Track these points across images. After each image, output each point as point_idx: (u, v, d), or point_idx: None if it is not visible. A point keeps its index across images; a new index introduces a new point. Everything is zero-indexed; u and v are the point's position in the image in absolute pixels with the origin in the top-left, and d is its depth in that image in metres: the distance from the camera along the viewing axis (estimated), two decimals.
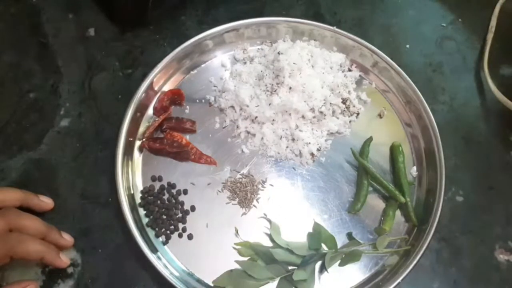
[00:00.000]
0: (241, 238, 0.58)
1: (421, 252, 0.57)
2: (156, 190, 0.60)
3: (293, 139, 0.64)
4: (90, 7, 0.71)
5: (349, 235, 0.59)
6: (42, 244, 0.51)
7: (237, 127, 0.64)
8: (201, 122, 0.64)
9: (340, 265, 0.57)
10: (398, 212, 0.61)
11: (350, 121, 0.66)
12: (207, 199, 0.60)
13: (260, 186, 0.61)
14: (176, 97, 0.65)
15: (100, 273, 0.56)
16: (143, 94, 0.63)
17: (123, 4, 0.69)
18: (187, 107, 0.65)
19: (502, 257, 0.61)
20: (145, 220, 0.58)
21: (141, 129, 0.63)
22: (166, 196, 0.60)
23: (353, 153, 0.63)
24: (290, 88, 0.63)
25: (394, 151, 0.64)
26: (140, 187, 0.60)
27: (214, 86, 0.67)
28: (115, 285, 0.56)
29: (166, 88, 0.66)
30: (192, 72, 0.68)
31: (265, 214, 0.60)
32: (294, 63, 0.63)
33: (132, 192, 0.59)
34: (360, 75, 0.69)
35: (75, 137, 0.63)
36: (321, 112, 0.64)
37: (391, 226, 0.60)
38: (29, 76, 0.66)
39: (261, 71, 0.66)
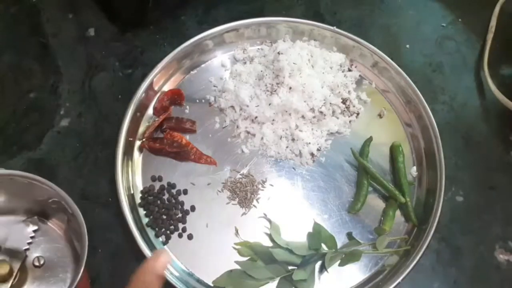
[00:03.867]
0: (241, 238, 0.58)
1: (421, 252, 0.57)
2: (156, 190, 0.60)
3: (293, 139, 0.64)
4: (90, 7, 0.71)
5: (349, 235, 0.59)
6: None
7: (237, 127, 0.64)
8: (201, 122, 0.64)
9: (340, 265, 0.57)
10: (398, 212, 0.61)
11: (350, 121, 0.66)
12: (207, 199, 0.60)
13: (260, 186, 0.61)
14: (176, 97, 0.65)
15: (100, 273, 0.56)
16: (143, 94, 0.63)
17: (123, 4, 0.69)
18: (187, 107, 0.65)
19: (502, 257, 0.61)
20: (145, 220, 0.58)
21: (141, 129, 0.63)
22: (166, 196, 0.60)
23: (353, 153, 0.63)
24: (290, 88, 0.63)
25: (394, 151, 0.64)
26: (140, 187, 0.60)
27: (214, 86, 0.67)
28: (115, 285, 0.56)
29: (166, 88, 0.66)
30: (192, 72, 0.68)
31: (265, 214, 0.60)
32: (294, 63, 0.63)
33: (132, 192, 0.59)
34: (360, 75, 0.69)
35: (75, 137, 0.63)
36: (321, 112, 0.64)
37: (391, 226, 0.60)
38: (29, 76, 0.66)
39: (261, 71, 0.66)
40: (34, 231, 0.46)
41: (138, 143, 0.62)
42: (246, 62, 0.68)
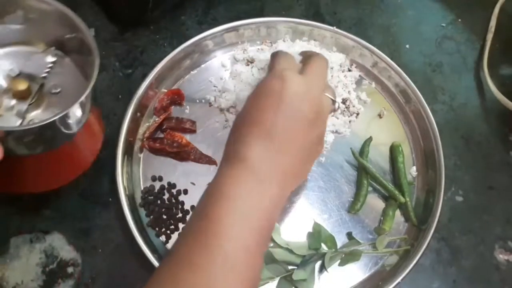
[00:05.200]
0: None
1: (420, 252, 0.57)
2: (156, 190, 0.60)
3: None
4: (90, 7, 0.71)
5: (349, 235, 0.59)
6: None
7: None
8: (201, 122, 0.64)
9: (340, 264, 0.57)
10: (397, 212, 0.61)
11: (350, 121, 0.66)
12: None
13: None
14: (176, 97, 0.65)
15: (100, 273, 0.56)
16: (143, 94, 0.63)
17: (123, 4, 0.69)
18: (187, 107, 0.65)
19: (501, 257, 0.61)
20: (145, 220, 0.58)
21: (141, 129, 0.63)
22: (166, 196, 0.60)
23: (353, 153, 0.63)
24: None
25: (393, 151, 0.64)
26: (140, 187, 0.60)
27: (214, 86, 0.67)
28: (115, 285, 0.56)
29: (166, 88, 0.66)
30: (192, 72, 0.68)
31: None
32: None
33: (132, 192, 0.59)
34: (359, 75, 0.69)
35: None
36: None
37: (391, 226, 0.60)
38: None
39: (260, 69, 0.66)
40: (52, 62, 0.48)
41: (138, 143, 0.62)
42: (246, 62, 0.69)
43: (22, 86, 0.45)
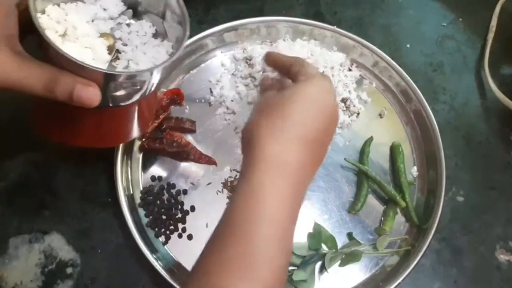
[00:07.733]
0: None
1: (421, 252, 0.57)
2: (155, 190, 0.60)
3: None
4: None
5: (350, 235, 0.59)
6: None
7: (237, 127, 0.64)
8: (201, 122, 0.64)
9: (340, 265, 0.57)
10: (398, 213, 0.61)
11: (350, 121, 0.66)
12: (207, 199, 0.60)
13: None
14: (175, 97, 0.65)
15: (99, 273, 0.56)
16: None
17: None
18: (187, 107, 0.65)
19: (502, 257, 0.61)
20: (144, 220, 0.58)
21: None
22: (165, 196, 0.60)
23: (350, 163, 0.62)
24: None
25: (393, 151, 0.64)
26: (139, 187, 0.60)
27: (214, 85, 0.67)
28: (114, 285, 0.56)
29: (165, 87, 0.65)
30: (192, 71, 0.67)
31: None
32: None
33: (131, 192, 0.59)
34: (360, 75, 0.69)
35: None
36: None
37: (392, 226, 0.60)
38: None
39: (260, 71, 0.66)
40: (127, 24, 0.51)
41: (138, 143, 0.62)
42: (246, 61, 0.68)
43: (109, 41, 0.48)
